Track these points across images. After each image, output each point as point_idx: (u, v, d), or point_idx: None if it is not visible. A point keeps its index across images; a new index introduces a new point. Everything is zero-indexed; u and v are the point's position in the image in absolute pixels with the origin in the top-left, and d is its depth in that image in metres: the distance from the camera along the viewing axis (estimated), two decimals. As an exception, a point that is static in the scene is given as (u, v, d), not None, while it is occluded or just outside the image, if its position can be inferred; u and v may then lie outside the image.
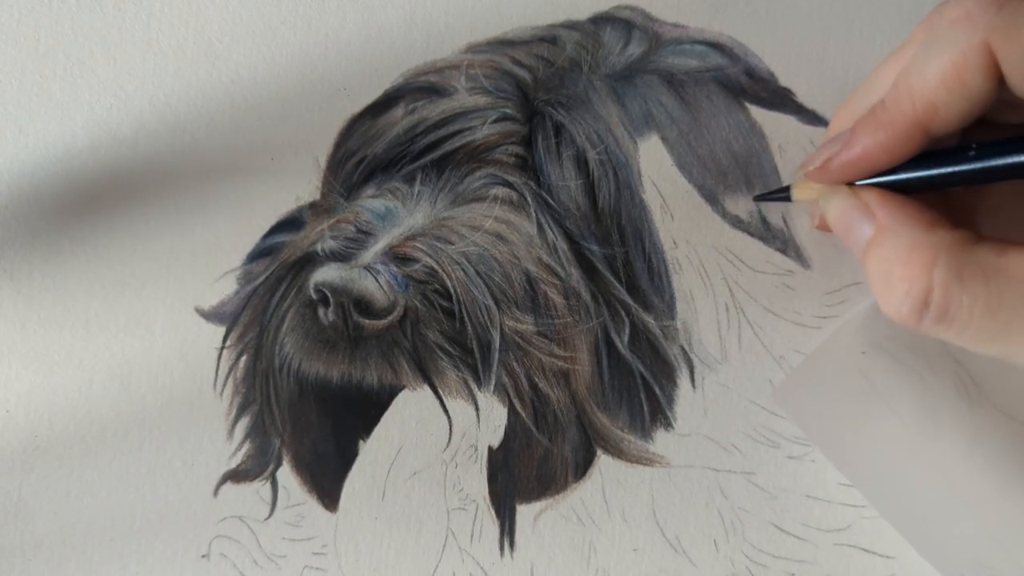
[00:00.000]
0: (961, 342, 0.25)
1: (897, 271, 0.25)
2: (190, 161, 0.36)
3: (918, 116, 0.25)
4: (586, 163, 0.35)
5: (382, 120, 0.36)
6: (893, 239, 0.26)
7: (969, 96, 0.24)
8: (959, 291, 0.24)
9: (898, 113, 0.25)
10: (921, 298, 0.25)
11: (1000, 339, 0.24)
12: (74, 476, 0.35)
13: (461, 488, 0.35)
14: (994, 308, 0.24)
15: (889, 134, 0.26)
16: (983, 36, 0.23)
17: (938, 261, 0.24)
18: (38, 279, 0.36)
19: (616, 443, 0.35)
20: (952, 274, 0.24)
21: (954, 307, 0.24)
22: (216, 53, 0.37)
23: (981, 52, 0.23)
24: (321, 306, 0.34)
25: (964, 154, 0.26)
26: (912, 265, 0.25)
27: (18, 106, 0.37)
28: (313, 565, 0.35)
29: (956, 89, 0.24)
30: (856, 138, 0.27)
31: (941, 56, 0.24)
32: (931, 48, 0.25)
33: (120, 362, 0.36)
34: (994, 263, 0.24)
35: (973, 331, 0.24)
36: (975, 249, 0.24)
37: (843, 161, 0.27)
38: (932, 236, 0.25)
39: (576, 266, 0.35)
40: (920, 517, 0.32)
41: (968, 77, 0.24)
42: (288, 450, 0.35)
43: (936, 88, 0.24)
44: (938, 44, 0.24)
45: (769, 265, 0.35)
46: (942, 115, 0.25)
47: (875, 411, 0.33)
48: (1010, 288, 0.24)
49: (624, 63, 0.36)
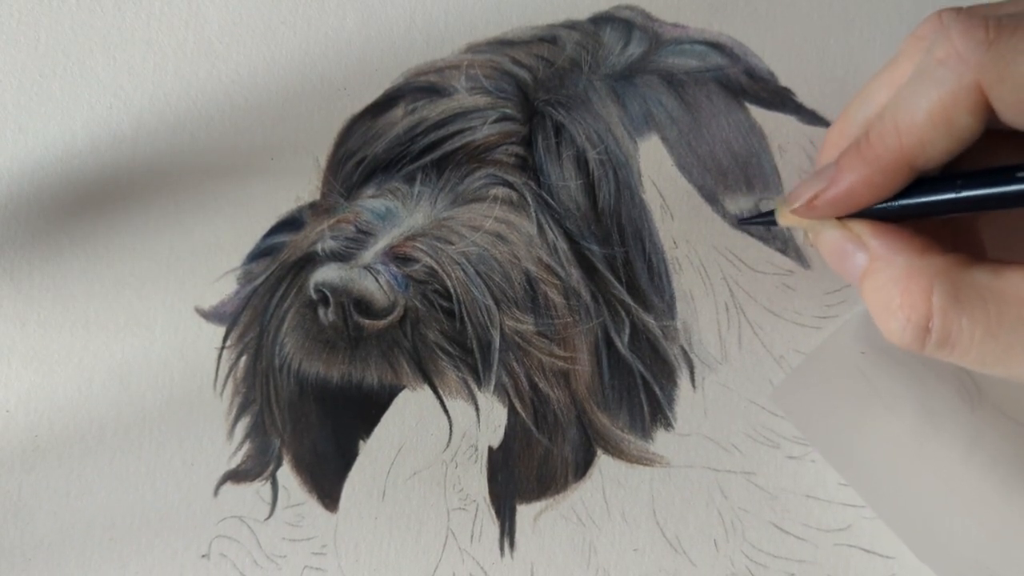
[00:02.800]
0: (965, 364, 0.25)
1: (896, 299, 0.25)
2: (190, 161, 0.36)
3: (904, 153, 0.25)
4: (586, 163, 0.35)
5: (382, 120, 0.36)
6: (888, 269, 0.26)
7: (956, 135, 0.24)
8: (958, 315, 0.24)
9: (884, 149, 0.25)
10: (922, 324, 0.25)
11: (1003, 361, 0.24)
12: (74, 476, 0.35)
13: (461, 488, 0.35)
14: (994, 331, 0.24)
15: (875, 170, 0.26)
16: (974, 76, 0.23)
17: (935, 287, 0.24)
18: (38, 279, 0.36)
19: (616, 443, 0.35)
20: (949, 299, 0.24)
21: (955, 332, 0.24)
22: (216, 53, 0.37)
23: (971, 93, 0.23)
24: (321, 306, 0.34)
25: (951, 183, 0.25)
26: (910, 293, 0.25)
27: (18, 106, 0.37)
28: (313, 565, 0.35)
29: (943, 128, 0.24)
30: (841, 175, 0.27)
31: (930, 95, 0.24)
32: (919, 86, 0.25)
33: (120, 362, 0.36)
34: (990, 285, 0.24)
35: (975, 354, 0.24)
36: (970, 271, 0.24)
37: (829, 199, 0.27)
38: (927, 262, 0.25)
39: (576, 266, 0.35)
40: (920, 518, 0.32)
41: (956, 117, 0.24)
42: (288, 450, 0.35)
43: (923, 127, 0.24)
44: (926, 83, 0.24)
45: (769, 265, 0.35)
46: (928, 152, 0.25)
47: (875, 412, 0.33)
48: (1009, 310, 0.24)
49: (624, 63, 0.36)
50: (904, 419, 0.32)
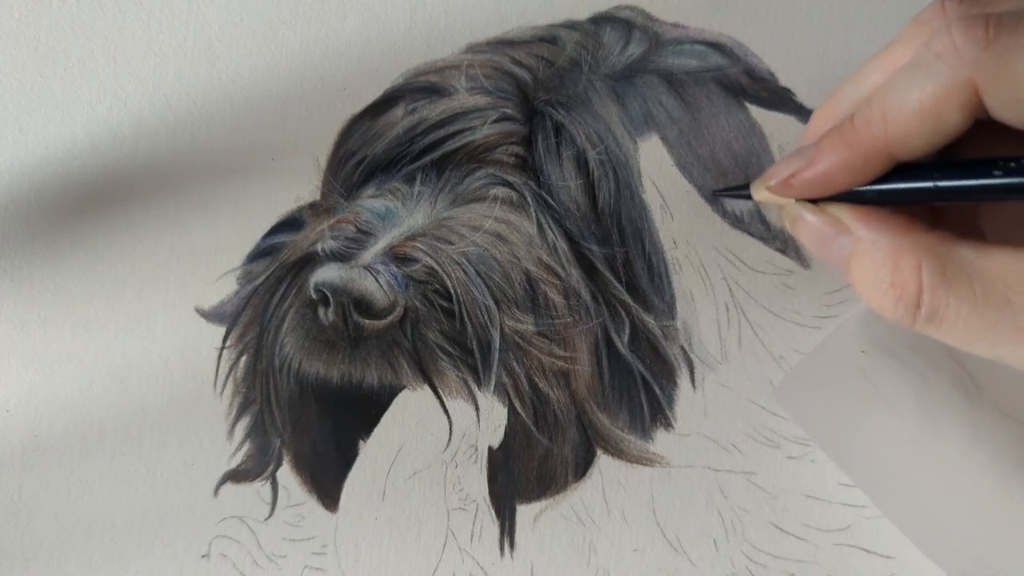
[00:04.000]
0: (950, 341, 0.25)
1: (886, 278, 0.25)
2: (190, 161, 0.36)
3: (887, 141, 0.25)
4: (586, 163, 0.35)
5: (382, 120, 0.36)
6: (875, 250, 0.26)
7: (942, 130, 0.24)
8: (945, 292, 0.24)
9: (867, 136, 0.25)
10: (914, 301, 0.25)
11: (987, 339, 0.24)
12: (74, 476, 0.35)
13: (461, 488, 0.35)
14: (980, 308, 0.24)
15: (855, 155, 0.26)
16: (969, 73, 0.23)
17: (923, 264, 0.25)
18: (38, 279, 0.36)
19: (616, 443, 0.35)
20: (937, 275, 0.24)
21: (942, 307, 0.24)
22: (216, 53, 0.37)
23: (964, 89, 0.24)
24: (321, 306, 0.34)
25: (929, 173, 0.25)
26: (900, 271, 0.25)
27: (18, 106, 0.37)
28: (313, 565, 0.35)
29: (931, 122, 0.24)
30: (821, 156, 0.27)
31: (923, 87, 0.24)
32: (912, 77, 0.25)
33: (120, 362, 0.36)
34: (976, 263, 0.24)
35: (960, 331, 0.25)
36: (956, 248, 0.25)
37: (805, 179, 0.27)
38: (912, 239, 0.25)
39: (576, 266, 0.35)
40: (921, 515, 0.33)
41: (946, 112, 0.24)
42: (288, 450, 0.35)
43: (911, 118, 0.24)
44: (920, 74, 0.24)
45: (769, 265, 0.35)
46: (911, 143, 0.25)
47: (875, 409, 0.33)
48: (994, 289, 0.24)
49: (624, 63, 0.36)
50: (904, 417, 0.33)
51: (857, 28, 0.36)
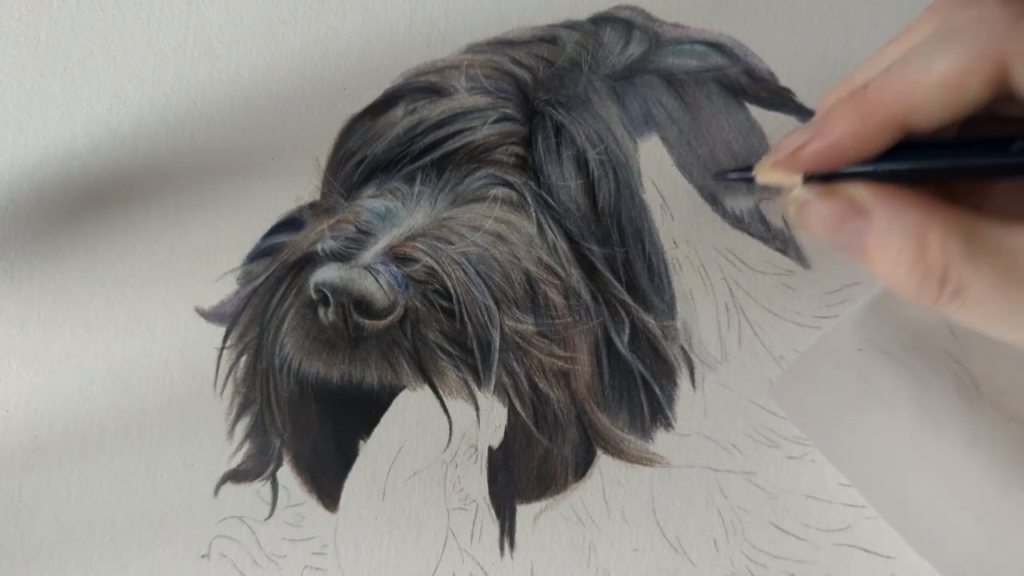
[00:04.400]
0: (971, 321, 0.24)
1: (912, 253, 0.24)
2: (190, 161, 0.36)
3: (901, 111, 0.24)
4: (586, 163, 0.35)
5: (382, 120, 0.36)
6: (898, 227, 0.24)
7: (961, 102, 0.24)
8: (970, 269, 0.23)
9: (880, 104, 0.24)
10: (940, 276, 0.24)
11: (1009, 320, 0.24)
12: (74, 476, 0.35)
13: (461, 488, 0.35)
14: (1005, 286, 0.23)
15: (867, 124, 0.25)
16: (999, 46, 0.23)
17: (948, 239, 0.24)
18: (38, 279, 0.36)
19: (616, 443, 0.35)
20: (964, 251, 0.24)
21: (967, 284, 0.24)
22: (216, 53, 0.37)
23: (991, 62, 0.23)
24: (321, 306, 0.34)
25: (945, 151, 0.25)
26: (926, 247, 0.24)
27: (18, 106, 0.37)
28: (313, 565, 0.35)
29: (952, 91, 0.23)
30: (831, 125, 0.25)
31: (948, 57, 0.23)
32: (938, 46, 0.24)
33: (120, 362, 0.36)
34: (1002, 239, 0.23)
35: (981, 311, 0.24)
36: (978, 225, 0.24)
37: (815, 149, 0.26)
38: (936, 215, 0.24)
39: (576, 266, 0.35)
40: (919, 514, 0.32)
41: (969, 84, 0.23)
42: (288, 450, 0.35)
43: (930, 87, 0.24)
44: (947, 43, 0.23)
45: (769, 265, 0.35)
46: (925, 115, 0.24)
47: (871, 408, 0.33)
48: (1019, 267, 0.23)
49: (624, 63, 0.36)
50: (902, 416, 0.32)
51: (857, 28, 0.36)
